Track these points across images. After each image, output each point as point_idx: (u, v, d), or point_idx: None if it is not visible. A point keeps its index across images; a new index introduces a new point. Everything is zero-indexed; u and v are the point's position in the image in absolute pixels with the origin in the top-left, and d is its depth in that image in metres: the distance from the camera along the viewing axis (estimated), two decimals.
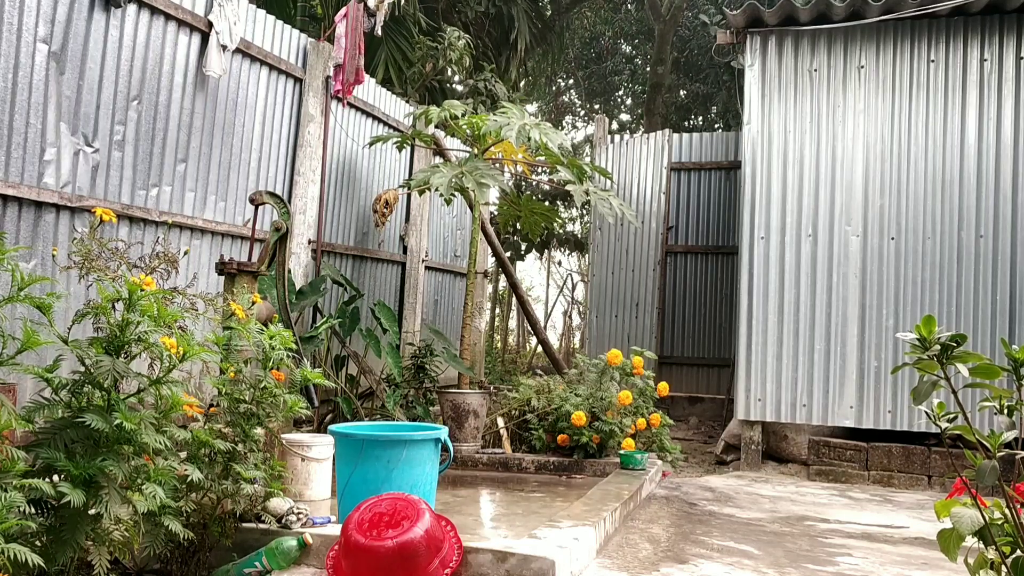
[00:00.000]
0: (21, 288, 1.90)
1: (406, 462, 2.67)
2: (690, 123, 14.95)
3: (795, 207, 5.55)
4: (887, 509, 4.29)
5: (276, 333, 2.60)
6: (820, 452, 5.34)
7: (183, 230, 4.32)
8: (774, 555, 3.07)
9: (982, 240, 5.24)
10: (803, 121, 5.60)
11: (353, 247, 5.87)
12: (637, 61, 16.16)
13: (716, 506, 4.08)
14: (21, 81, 3.45)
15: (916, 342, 1.64)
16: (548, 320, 15.89)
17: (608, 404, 4.53)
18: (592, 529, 2.79)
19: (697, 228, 8.30)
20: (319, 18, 8.20)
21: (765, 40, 5.69)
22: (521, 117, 4.87)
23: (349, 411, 4.54)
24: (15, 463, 1.75)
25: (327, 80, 5.28)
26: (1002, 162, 5.25)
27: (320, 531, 2.49)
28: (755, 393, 5.49)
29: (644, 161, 8.43)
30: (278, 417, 2.58)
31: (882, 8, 5.32)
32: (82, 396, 1.96)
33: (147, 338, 2.00)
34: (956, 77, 5.38)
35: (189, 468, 2.14)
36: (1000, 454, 1.62)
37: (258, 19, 4.84)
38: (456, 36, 7.97)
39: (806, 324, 5.46)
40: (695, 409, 7.97)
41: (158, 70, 4.14)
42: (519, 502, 3.56)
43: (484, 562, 2.34)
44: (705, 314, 8.20)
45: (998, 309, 5.18)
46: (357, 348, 5.36)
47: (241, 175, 4.75)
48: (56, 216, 3.61)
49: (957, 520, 1.62)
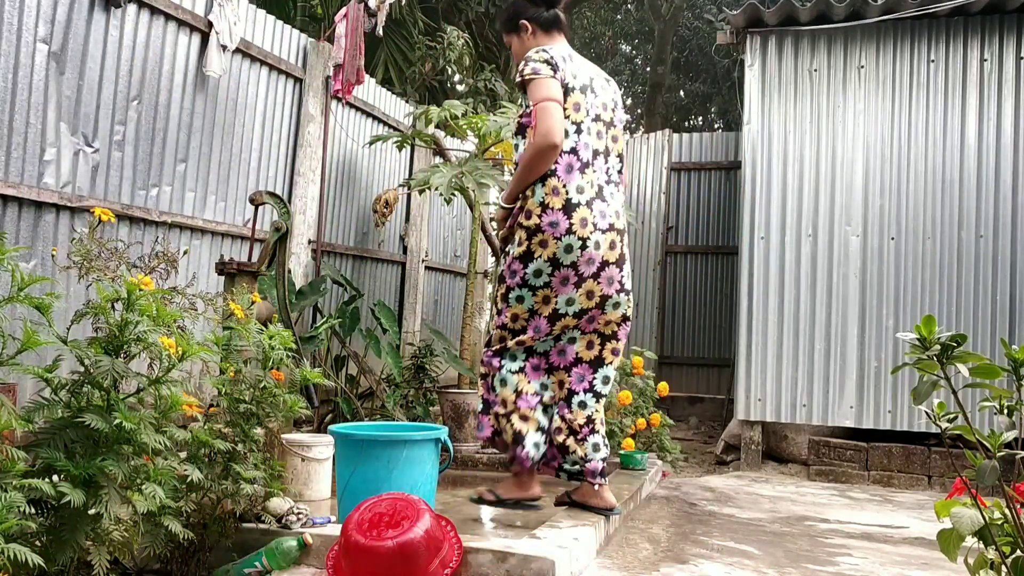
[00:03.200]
0: (21, 288, 1.90)
1: (406, 462, 2.67)
2: (690, 123, 14.96)
3: (795, 207, 5.55)
4: (887, 509, 4.29)
5: (276, 333, 2.60)
6: (820, 452, 5.34)
7: (183, 230, 4.32)
8: (774, 555, 3.07)
9: (982, 240, 5.24)
10: (803, 121, 5.60)
11: (353, 247, 5.87)
12: (637, 61, 16.17)
13: (716, 506, 4.08)
14: (21, 81, 3.45)
15: (916, 342, 1.64)
16: None
17: (608, 404, 4.53)
18: (592, 529, 2.79)
19: (697, 228, 8.30)
20: (319, 18, 8.20)
21: (765, 40, 5.69)
22: None
23: (349, 411, 4.54)
24: (15, 463, 1.74)
25: (327, 80, 5.28)
26: (1002, 162, 5.25)
27: (320, 531, 2.49)
28: (755, 393, 5.49)
29: (644, 161, 8.44)
30: (278, 417, 2.58)
31: (882, 8, 5.33)
32: (82, 396, 1.96)
33: (146, 338, 2.00)
34: (956, 77, 5.38)
35: (189, 468, 2.14)
36: (1000, 454, 1.62)
37: (258, 19, 4.84)
38: (456, 36, 7.96)
39: (806, 324, 5.46)
40: (695, 409, 7.97)
41: (158, 70, 4.14)
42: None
43: (484, 562, 2.34)
44: (705, 314, 8.20)
45: (998, 309, 5.18)
46: (357, 348, 5.36)
47: (241, 175, 4.75)
48: (56, 216, 3.61)
49: (957, 520, 1.62)
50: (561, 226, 2.84)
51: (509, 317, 2.98)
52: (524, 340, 2.99)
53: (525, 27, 3.10)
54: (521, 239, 2.90)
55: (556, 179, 2.86)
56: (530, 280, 2.90)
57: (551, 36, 3.10)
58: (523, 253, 2.89)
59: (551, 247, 2.85)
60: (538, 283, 2.90)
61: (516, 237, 2.93)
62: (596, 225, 2.88)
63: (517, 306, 2.95)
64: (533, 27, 3.10)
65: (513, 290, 2.94)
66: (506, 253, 3.00)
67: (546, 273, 2.88)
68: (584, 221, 2.86)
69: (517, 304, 2.94)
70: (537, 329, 2.97)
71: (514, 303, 2.95)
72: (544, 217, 2.85)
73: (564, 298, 2.91)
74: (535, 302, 2.92)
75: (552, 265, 2.87)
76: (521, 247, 2.90)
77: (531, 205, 2.88)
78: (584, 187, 2.90)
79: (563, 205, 2.85)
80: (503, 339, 3.03)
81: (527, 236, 2.88)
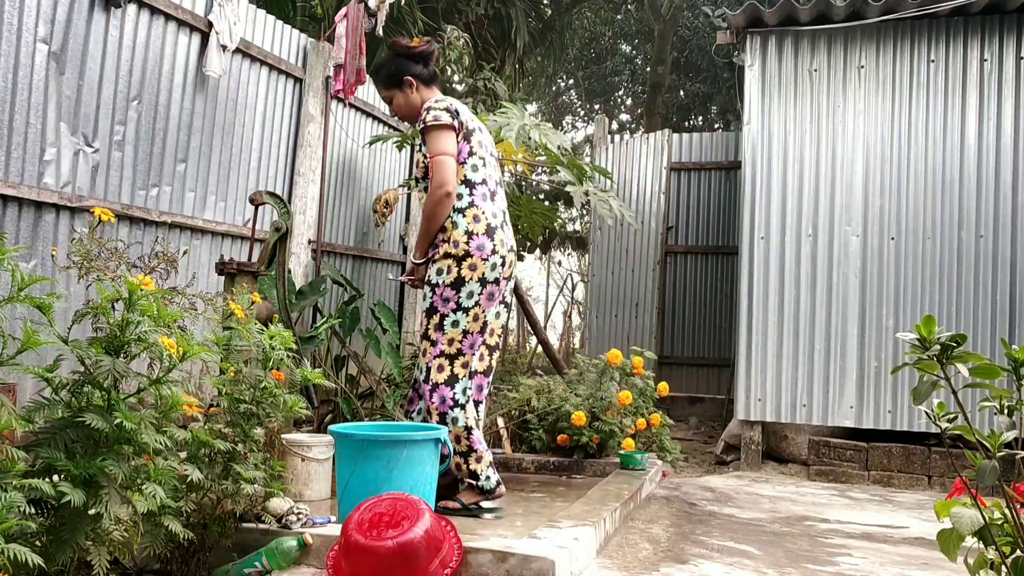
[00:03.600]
0: (21, 288, 1.90)
1: (406, 462, 2.67)
2: (690, 123, 14.95)
3: (795, 207, 5.55)
4: (887, 509, 4.29)
5: (276, 333, 2.60)
6: (820, 452, 5.34)
7: (183, 230, 4.32)
8: (774, 555, 3.07)
9: (982, 240, 5.24)
10: (803, 121, 5.60)
11: (353, 247, 5.87)
12: (637, 61, 16.16)
13: (716, 506, 4.08)
14: (21, 81, 3.45)
15: (916, 342, 1.64)
16: (548, 320, 15.90)
17: (608, 404, 4.53)
18: (592, 529, 2.79)
19: (697, 228, 8.29)
20: (319, 18, 8.20)
21: (765, 40, 5.69)
22: (521, 117, 4.87)
23: (349, 411, 4.54)
24: (15, 463, 1.74)
25: (327, 80, 5.28)
26: (1002, 162, 5.25)
27: (320, 531, 2.49)
28: (755, 393, 5.49)
29: (644, 161, 8.43)
30: (278, 417, 2.58)
31: (882, 8, 5.33)
32: (82, 396, 1.96)
33: (147, 338, 2.00)
34: (956, 77, 5.38)
35: (189, 468, 2.14)
36: (1000, 454, 1.62)
37: (258, 19, 4.84)
38: (456, 36, 7.96)
39: (806, 324, 5.46)
40: (695, 409, 7.97)
41: (158, 70, 4.14)
42: (519, 502, 3.56)
43: (484, 562, 2.34)
44: (705, 314, 8.20)
45: (998, 309, 5.18)
46: (357, 348, 5.35)
47: (241, 175, 4.75)
48: (56, 216, 3.61)
49: (957, 520, 1.62)
50: (487, 248, 3.17)
51: (446, 342, 3.18)
52: (465, 359, 3.21)
53: (410, 83, 3.37)
54: (450, 267, 3.16)
55: (475, 208, 3.19)
56: (463, 303, 3.16)
57: (431, 89, 3.40)
58: (455, 280, 3.15)
59: (480, 268, 3.16)
60: (470, 304, 3.17)
61: (442, 267, 3.17)
62: (508, 245, 3.25)
63: (452, 331, 3.17)
64: (417, 83, 3.37)
65: (448, 316, 3.16)
66: (433, 286, 3.19)
67: (476, 293, 3.17)
68: (502, 242, 3.22)
69: (452, 329, 3.17)
70: (472, 345, 3.21)
71: (449, 328, 3.17)
72: (472, 242, 3.15)
73: (492, 311, 3.25)
74: (468, 321, 3.18)
75: (481, 284, 3.17)
76: (451, 275, 3.16)
77: (456, 235, 3.16)
78: (497, 213, 3.27)
79: (486, 229, 3.19)
80: (441, 367, 3.18)
81: (456, 263, 3.16)
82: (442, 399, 3.15)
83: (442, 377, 3.16)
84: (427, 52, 3.39)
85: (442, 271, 3.16)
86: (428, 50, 3.39)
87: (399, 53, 3.39)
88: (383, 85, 3.45)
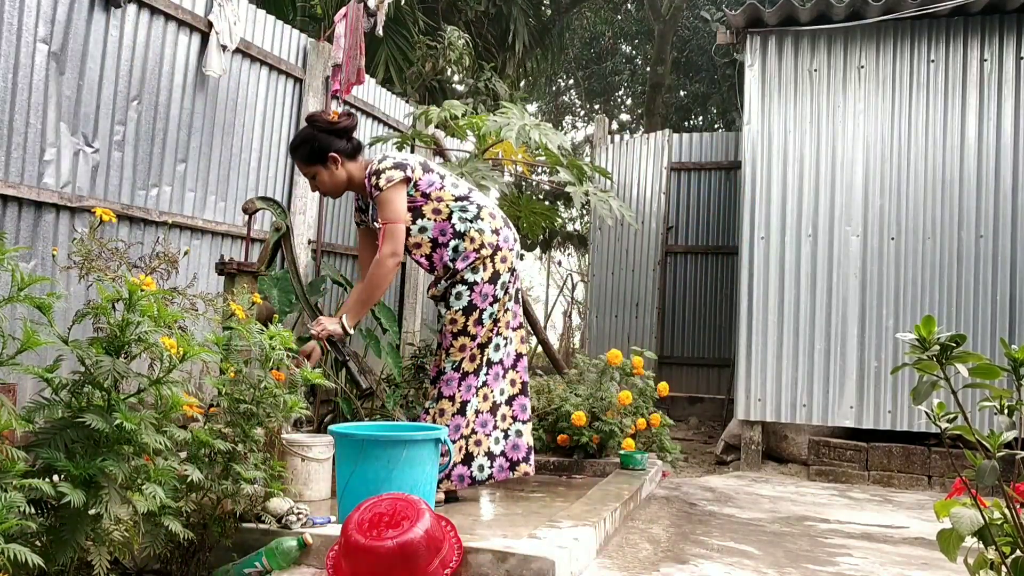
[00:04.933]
0: (21, 288, 1.90)
1: (406, 462, 2.67)
2: (690, 123, 14.95)
3: (795, 207, 5.56)
4: (887, 509, 4.29)
5: (276, 333, 2.60)
6: (820, 452, 5.34)
7: (183, 230, 4.32)
8: (774, 555, 3.07)
9: (982, 240, 5.25)
10: (803, 121, 5.61)
11: (353, 247, 5.87)
12: (637, 61, 16.16)
13: (716, 506, 4.08)
14: (21, 81, 3.45)
15: (916, 342, 1.64)
16: (548, 320, 15.89)
17: (608, 404, 4.53)
18: (592, 529, 2.79)
19: (697, 228, 8.29)
20: (319, 18, 8.20)
21: (765, 40, 5.70)
22: (521, 117, 4.87)
23: (349, 411, 4.54)
24: (15, 463, 1.74)
25: (327, 80, 5.28)
26: (1002, 162, 5.26)
27: (320, 531, 2.49)
28: (755, 393, 5.49)
29: (644, 161, 8.43)
30: (278, 417, 2.58)
31: (882, 8, 5.33)
32: (82, 396, 1.96)
33: (147, 338, 2.00)
34: (956, 77, 5.38)
35: (189, 468, 2.13)
36: (1000, 454, 1.62)
37: (258, 19, 4.84)
38: (456, 36, 7.96)
39: (806, 324, 5.46)
40: (695, 409, 7.96)
41: (158, 70, 4.14)
42: (519, 502, 3.56)
43: (484, 562, 2.34)
44: (705, 314, 8.20)
45: (998, 309, 5.18)
46: (357, 348, 5.35)
47: (241, 175, 4.76)
48: (56, 216, 3.61)
49: (957, 520, 1.62)
50: (511, 238, 3.39)
51: (483, 334, 3.31)
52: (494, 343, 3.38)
53: (334, 159, 3.32)
54: (486, 264, 3.29)
55: (484, 208, 3.35)
56: (498, 294, 3.32)
57: (356, 161, 3.39)
58: (492, 275, 3.30)
59: (509, 259, 3.35)
60: (501, 293, 3.33)
61: (477, 266, 3.28)
62: (515, 238, 3.47)
63: (488, 322, 3.31)
64: (342, 159, 3.33)
65: (486, 311, 3.29)
66: (470, 285, 3.28)
67: (506, 282, 3.36)
68: (515, 236, 3.46)
69: (489, 320, 3.31)
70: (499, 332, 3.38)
71: (487, 320, 3.30)
72: (498, 236, 3.32)
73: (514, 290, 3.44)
74: (499, 311, 3.35)
75: (510, 273, 3.37)
76: (488, 271, 3.29)
77: (485, 239, 3.30)
78: (495, 213, 3.43)
79: (504, 223, 3.39)
80: (474, 356, 3.32)
81: (490, 260, 3.30)
82: (468, 387, 3.33)
83: (472, 367, 3.33)
84: (350, 127, 3.32)
85: (477, 268, 3.28)
86: (350, 124, 3.32)
87: (321, 129, 3.30)
88: (304, 162, 3.35)
